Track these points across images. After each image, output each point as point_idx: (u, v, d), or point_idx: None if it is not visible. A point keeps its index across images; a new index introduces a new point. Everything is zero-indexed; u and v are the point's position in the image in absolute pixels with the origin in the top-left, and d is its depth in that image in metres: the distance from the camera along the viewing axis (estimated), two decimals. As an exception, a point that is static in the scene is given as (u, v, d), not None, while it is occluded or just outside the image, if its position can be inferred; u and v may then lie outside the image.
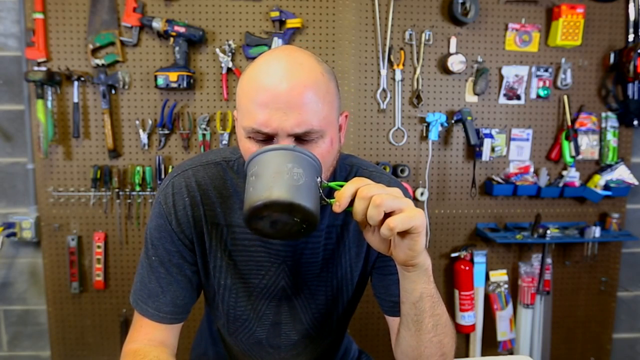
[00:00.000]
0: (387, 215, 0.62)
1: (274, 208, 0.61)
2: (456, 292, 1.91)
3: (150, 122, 1.77)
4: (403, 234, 0.64)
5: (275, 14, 1.73)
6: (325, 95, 0.71)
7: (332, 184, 0.69)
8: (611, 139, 1.94)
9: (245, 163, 0.67)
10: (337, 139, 0.76)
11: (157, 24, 1.68)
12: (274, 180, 0.62)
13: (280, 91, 0.67)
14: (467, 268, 1.89)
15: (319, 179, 0.66)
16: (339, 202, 0.63)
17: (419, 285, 0.71)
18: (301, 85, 0.67)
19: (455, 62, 1.81)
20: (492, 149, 1.89)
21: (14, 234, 1.77)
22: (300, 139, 0.69)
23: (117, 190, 1.79)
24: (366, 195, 0.62)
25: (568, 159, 1.91)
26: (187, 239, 0.84)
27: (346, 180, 0.87)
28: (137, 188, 1.79)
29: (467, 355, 1.99)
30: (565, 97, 1.91)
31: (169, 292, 0.84)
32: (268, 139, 0.69)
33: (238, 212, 0.84)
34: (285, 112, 0.67)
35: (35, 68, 1.71)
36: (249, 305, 0.89)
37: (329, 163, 0.75)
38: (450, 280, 1.97)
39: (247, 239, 0.84)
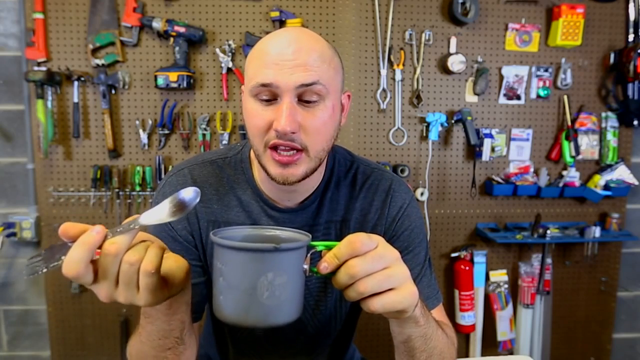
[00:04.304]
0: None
1: (250, 327, 0.55)
2: (456, 292, 1.91)
3: (150, 122, 1.77)
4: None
5: (275, 14, 1.73)
6: (331, 61, 0.73)
7: (320, 245, 0.57)
8: (611, 139, 1.94)
9: (212, 240, 0.55)
10: (338, 109, 0.77)
11: (157, 24, 1.68)
12: (249, 300, 0.51)
13: (288, 52, 0.69)
14: (467, 268, 1.89)
15: (306, 266, 0.55)
16: (327, 264, 0.55)
17: (406, 330, 0.67)
18: (307, 48, 0.70)
19: (455, 62, 1.81)
20: (492, 149, 1.89)
21: (14, 234, 1.77)
22: (304, 100, 0.70)
23: (117, 190, 1.79)
24: (353, 274, 0.53)
25: (568, 159, 1.91)
26: (189, 235, 0.83)
27: (346, 175, 0.88)
28: (137, 188, 1.79)
29: (467, 355, 1.99)
30: (565, 97, 1.91)
31: None
32: (272, 98, 0.71)
33: (235, 209, 0.84)
34: (292, 68, 0.68)
35: (35, 68, 1.70)
36: None
37: (329, 133, 0.75)
38: (450, 280, 1.97)
39: None
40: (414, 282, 0.59)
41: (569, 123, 1.90)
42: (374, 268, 0.54)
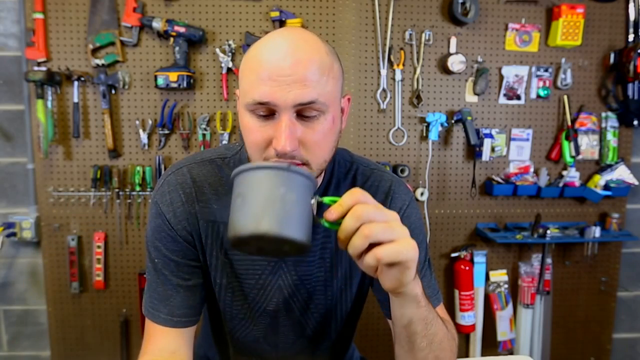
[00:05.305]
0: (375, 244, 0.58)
1: (262, 240, 0.57)
2: (456, 292, 1.91)
3: (150, 122, 1.77)
4: (391, 264, 0.61)
5: (275, 14, 1.73)
6: (330, 71, 0.70)
7: (326, 199, 0.62)
8: (611, 139, 1.94)
9: (231, 176, 0.61)
10: (339, 119, 0.75)
11: (157, 24, 1.68)
12: (263, 209, 0.57)
13: (285, 65, 0.66)
14: (467, 268, 1.89)
15: (313, 201, 0.61)
16: (333, 211, 0.59)
17: (407, 311, 0.69)
18: (305, 60, 0.67)
19: (455, 62, 1.81)
20: (492, 149, 1.89)
21: (14, 234, 1.77)
22: (303, 115, 0.69)
23: (117, 190, 1.79)
24: (359, 216, 0.57)
25: (568, 159, 1.91)
26: (188, 235, 0.83)
27: (346, 176, 0.88)
28: (137, 188, 1.79)
29: (467, 355, 1.99)
30: (565, 97, 1.91)
31: (180, 293, 0.83)
32: (270, 114, 0.69)
33: None
34: (289, 84, 0.66)
35: (35, 68, 1.70)
36: (246, 304, 0.88)
37: (330, 144, 0.74)
38: (450, 280, 1.97)
39: None
40: None
41: (569, 123, 1.90)
42: (376, 217, 0.57)
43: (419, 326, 0.70)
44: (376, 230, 0.56)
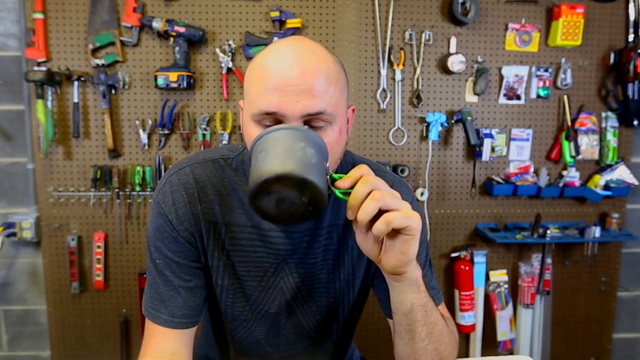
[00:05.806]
0: (382, 212, 0.61)
1: (285, 182, 0.58)
2: (456, 292, 1.91)
3: (150, 122, 1.77)
4: (396, 234, 0.63)
5: (275, 14, 1.73)
6: (337, 82, 0.70)
7: (336, 175, 0.65)
8: (611, 139, 1.94)
9: (250, 146, 0.64)
10: (345, 129, 0.75)
11: (157, 24, 1.68)
12: (286, 154, 0.60)
13: (292, 75, 0.66)
14: (467, 268, 1.89)
15: (327, 164, 0.65)
16: (344, 180, 0.63)
17: (408, 296, 0.70)
18: (312, 70, 0.67)
19: (455, 62, 1.81)
20: (492, 149, 1.89)
21: (14, 234, 1.77)
22: (310, 125, 0.69)
23: (117, 190, 1.79)
24: (369, 182, 0.61)
25: (568, 159, 1.91)
26: (190, 236, 0.82)
27: None
28: (137, 188, 1.79)
29: (467, 355, 1.99)
30: (565, 97, 1.91)
31: (181, 294, 0.82)
32: (276, 124, 0.69)
33: (237, 211, 0.82)
34: (297, 94, 0.66)
35: (35, 68, 1.70)
36: (247, 306, 0.88)
37: (337, 155, 0.74)
38: (450, 280, 1.97)
39: (245, 238, 0.83)
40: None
41: (569, 123, 1.90)
42: (383, 187, 0.62)
43: (419, 313, 0.71)
44: (384, 197, 0.60)
